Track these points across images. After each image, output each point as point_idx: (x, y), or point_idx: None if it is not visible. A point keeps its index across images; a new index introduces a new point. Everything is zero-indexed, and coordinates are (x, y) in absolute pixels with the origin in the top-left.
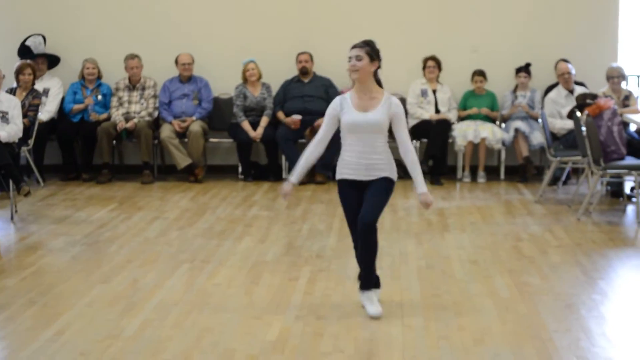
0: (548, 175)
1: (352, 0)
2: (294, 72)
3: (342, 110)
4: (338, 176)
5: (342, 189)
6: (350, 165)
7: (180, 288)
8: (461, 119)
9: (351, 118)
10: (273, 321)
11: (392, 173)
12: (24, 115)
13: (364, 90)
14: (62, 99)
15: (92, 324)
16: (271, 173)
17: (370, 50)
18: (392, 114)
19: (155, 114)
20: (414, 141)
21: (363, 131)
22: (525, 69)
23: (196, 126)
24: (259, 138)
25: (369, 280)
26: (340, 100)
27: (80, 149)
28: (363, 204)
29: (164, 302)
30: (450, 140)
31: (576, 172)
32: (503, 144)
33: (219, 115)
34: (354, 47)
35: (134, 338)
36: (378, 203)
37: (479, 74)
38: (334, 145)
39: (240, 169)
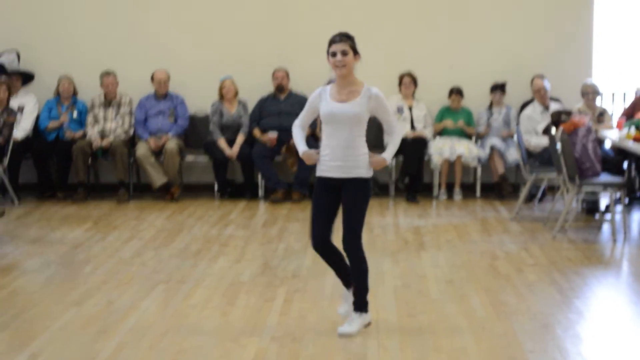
0: (524, 193)
1: (328, 17)
2: (270, 89)
3: (321, 101)
4: (317, 173)
5: (317, 187)
6: (326, 161)
7: (155, 309)
8: (437, 133)
9: (328, 108)
10: (249, 343)
11: (368, 171)
12: None
13: (345, 84)
14: (37, 116)
15: (66, 348)
16: (247, 191)
17: (353, 44)
18: (372, 107)
19: (131, 131)
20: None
21: (340, 122)
22: (500, 88)
23: (172, 144)
24: (235, 156)
25: (358, 301)
26: (320, 91)
27: (56, 167)
28: (343, 223)
29: (139, 324)
30: (426, 158)
31: (552, 189)
32: (479, 161)
33: (195, 133)
34: (338, 41)
35: None
36: (357, 223)
37: (456, 92)
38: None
39: (216, 187)
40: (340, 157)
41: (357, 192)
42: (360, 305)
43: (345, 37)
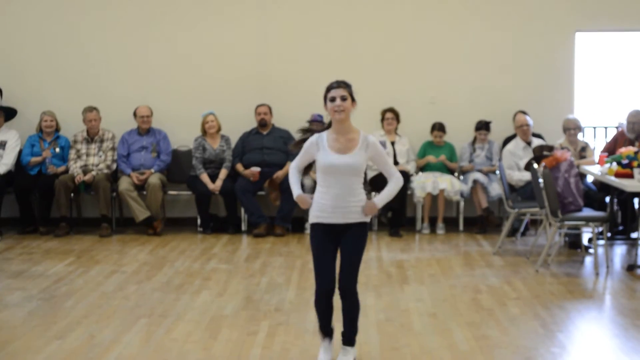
0: (506, 227)
1: (309, 53)
2: (252, 124)
3: (319, 150)
4: (312, 220)
5: (315, 233)
6: (326, 209)
7: (137, 343)
8: (420, 169)
9: (328, 160)
10: None
11: (367, 216)
12: None
13: (342, 131)
14: (20, 152)
15: None
16: (230, 225)
17: (350, 90)
18: (371, 155)
19: (114, 166)
20: (373, 193)
21: (340, 173)
22: (485, 127)
23: (155, 179)
24: (217, 190)
25: (351, 337)
26: (317, 139)
27: (38, 202)
28: (341, 262)
29: (121, 358)
30: (409, 192)
31: (534, 223)
32: (462, 195)
33: (178, 168)
34: (337, 87)
35: None
36: (356, 263)
37: (439, 128)
38: (292, 197)
39: (199, 222)
40: (342, 204)
41: (359, 237)
42: (353, 340)
43: (343, 84)
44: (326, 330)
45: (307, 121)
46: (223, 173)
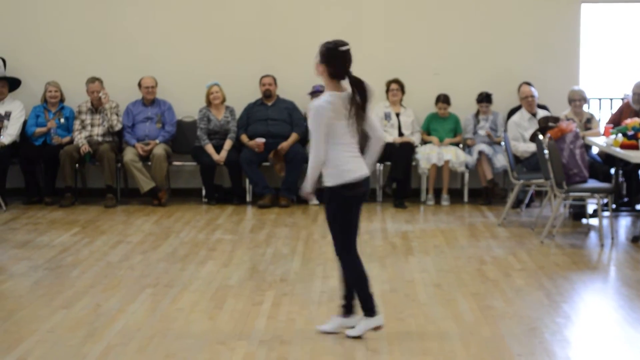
0: (511, 198)
1: (314, 24)
2: (257, 95)
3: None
4: (347, 179)
5: (348, 198)
6: (357, 166)
7: (143, 313)
8: (424, 142)
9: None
10: (237, 346)
11: (332, 179)
12: None
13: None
14: (24, 122)
15: (54, 351)
16: (235, 196)
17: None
18: None
19: (119, 125)
20: (378, 164)
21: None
22: (486, 99)
23: (159, 149)
24: (222, 161)
25: (367, 305)
26: (326, 105)
27: (43, 173)
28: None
29: (126, 327)
30: (413, 163)
31: (539, 194)
32: (466, 166)
33: (183, 139)
34: None
35: None
36: (332, 231)
37: (443, 100)
38: (297, 168)
39: (204, 192)
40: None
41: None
42: (364, 310)
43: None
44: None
45: (309, 93)
46: (228, 144)
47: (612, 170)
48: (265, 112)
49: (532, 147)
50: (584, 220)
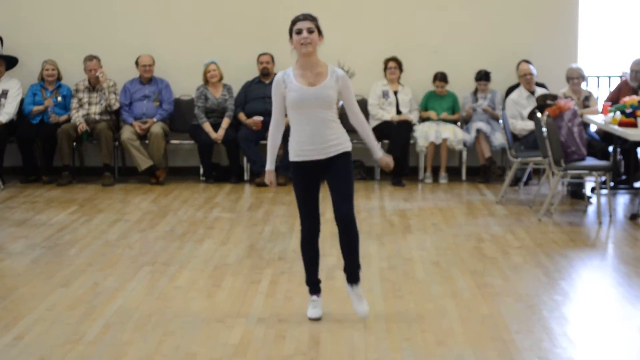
0: (509, 176)
1: (313, 2)
2: (255, 73)
3: (287, 87)
4: (293, 158)
5: (298, 173)
6: (306, 147)
7: (141, 291)
8: (422, 119)
9: (298, 94)
10: (235, 324)
11: (348, 144)
12: None
13: (309, 65)
14: (22, 101)
15: (52, 328)
16: (233, 174)
17: (318, 24)
18: (340, 86)
19: (117, 104)
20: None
21: (312, 107)
22: (485, 77)
23: (157, 128)
24: (220, 139)
25: (355, 272)
26: (282, 76)
27: (40, 151)
28: (333, 196)
29: (124, 305)
30: (411, 141)
31: (537, 172)
32: (464, 144)
33: (180, 117)
34: (303, 19)
35: (95, 342)
36: (349, 191)
37: (441, 78)
38: None
39: (201, 171)
40: (320, 140)
41: (344, 166)
42: (357, 276)
43: (310, 16)
44: (314, 282)
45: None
46: (225, 122)
47: (610, 148)
48: (263, 90)
49: (530, 125)
50: (587, 193)
